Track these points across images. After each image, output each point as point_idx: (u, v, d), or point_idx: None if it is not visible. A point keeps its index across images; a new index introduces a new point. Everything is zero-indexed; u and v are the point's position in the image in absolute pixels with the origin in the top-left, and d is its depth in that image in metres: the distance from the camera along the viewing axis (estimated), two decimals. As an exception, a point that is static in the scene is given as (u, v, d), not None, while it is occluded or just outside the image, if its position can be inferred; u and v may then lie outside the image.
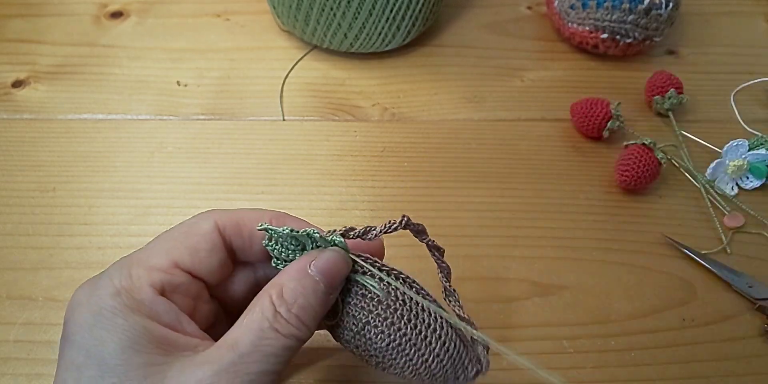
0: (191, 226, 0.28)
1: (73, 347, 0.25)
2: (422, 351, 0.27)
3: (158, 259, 0.27)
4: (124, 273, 0.26)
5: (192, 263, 0.27)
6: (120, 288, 0.25)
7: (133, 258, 0.27)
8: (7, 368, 0.38)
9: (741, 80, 0.53)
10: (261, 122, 0.51)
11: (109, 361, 0.24)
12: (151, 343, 0.24)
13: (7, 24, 0.57)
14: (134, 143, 0.49)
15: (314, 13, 0.50)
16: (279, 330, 0.25)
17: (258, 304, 0.26)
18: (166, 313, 0.26)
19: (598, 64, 0.56)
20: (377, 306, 0.27)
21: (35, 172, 0.47)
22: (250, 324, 0.25)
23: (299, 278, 0.26)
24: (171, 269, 0.27)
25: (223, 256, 0.28)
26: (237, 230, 0.28)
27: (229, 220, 0.28)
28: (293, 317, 0.25)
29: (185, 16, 0.58)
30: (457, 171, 0.48)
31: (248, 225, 0.29)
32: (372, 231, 0.28)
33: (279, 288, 0.26)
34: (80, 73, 0.54)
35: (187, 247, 0.27)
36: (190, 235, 0.28)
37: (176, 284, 0.27)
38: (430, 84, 0.54)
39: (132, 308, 0.25)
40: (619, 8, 0.50)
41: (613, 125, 0.48)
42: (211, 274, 0.28)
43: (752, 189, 0.47)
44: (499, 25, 0.59)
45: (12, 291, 0.41)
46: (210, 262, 0.28)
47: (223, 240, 0.28)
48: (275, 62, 0.55)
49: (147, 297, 0.25)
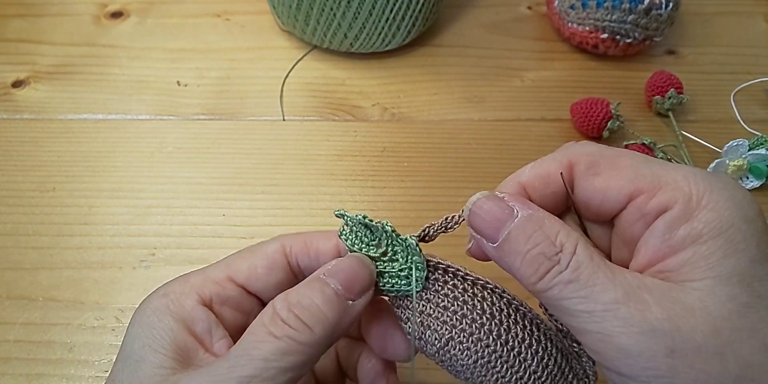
0: (258, 245, 0.29)
1: (123, 341, 0.26)
2: (516, 368, 0.25)
3: (216, 271, 0.28)
4: (182, 279, 0.27)
5: (247, 279, 0.28)
6: (170, 291, 0.27)
7: (201, 269, 0.28)
8: (7, 368, 0.38)
9: (741, 80, 0.53)
10: (261, 122, 0.51)
11: (132, 356, 0.25)
12: (171, 348, 0.25)
13: (7, 24, 0.57)
14: (134, 143, 0.49)
15: (314, 13, 0.50)
16: (273, 332, 0.24)
17: (263, 311, 0.25)
18: (200, 322, 0.26)
19: (598, 64, 0.56)
20: (461, 320, 0.25)
21: (35, 172, 0.47)
22: (249, 329, 0.25)
23: (308, 282, 0.26)
24: (224, 282, 0.27)
25: (284, 276, 0.28)
26: (304, 250, 0.28)
27: (296, 241, 0.29)
28: (292, 317, 0.24)
29: (185, 16, 0.58)
30: (457, 171, 0.48)
31: (315, 244, 0.28)
32: (450, 224, 0.28)
33: (286, 292, 0.25)
34: (80, 73, 0.54)
35: (247, 263, 0.28)
36: (253, 253, 0.28)
37: (226, 297, 0.27)
38: (430, 84, 0.54)
39: (171, 311, 0.26)
40: (619, 8, 0.50)
41: (613, 125, 0.48)
42: (266, 291, 0.28)
43: (752, 189, 0.47)
44: (499, 25, 0.59)
45: (12, 291, 0.41)
46: (267, 279, 0.28)
47: (287, 262, 0.28)
48: (275, 62, 0.55)
49: (189, 304, 0.26)
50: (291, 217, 0.45)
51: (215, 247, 0.44)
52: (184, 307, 0.26)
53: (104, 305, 0.41)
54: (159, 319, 0.25)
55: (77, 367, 0.39)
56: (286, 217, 0.45)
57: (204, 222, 0.45)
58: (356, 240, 0.27)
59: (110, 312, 0.41)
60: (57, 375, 0.38)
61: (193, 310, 0.26)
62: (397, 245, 0.27)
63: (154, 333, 0.25)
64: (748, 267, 0.21)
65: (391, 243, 0.27)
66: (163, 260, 0.43)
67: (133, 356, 0.25)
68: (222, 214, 0.45)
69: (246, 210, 0.46)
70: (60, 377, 0.38)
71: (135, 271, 0.43)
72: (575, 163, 0.25)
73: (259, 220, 0.45)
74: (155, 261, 0.43)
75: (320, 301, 0.25)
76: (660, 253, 0.23)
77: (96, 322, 0.40)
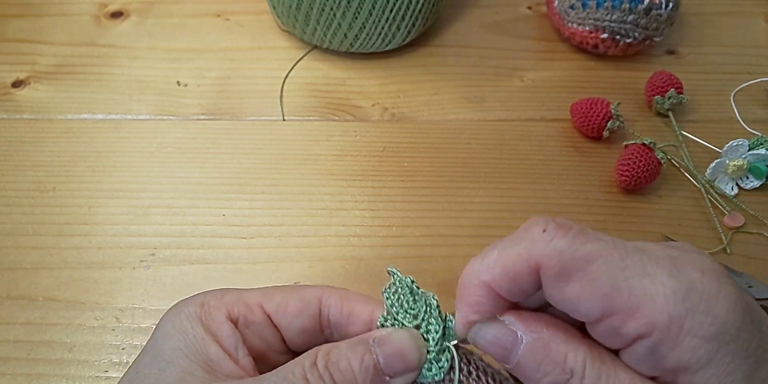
0: (299, 286, 0.29)
1: (152, 335, 0.26)
2: None
3: (251, 294, 0.28)
4: (219, 293, 0.28)
5: (275, 312, 0.28)
6: (205, 302, 0.27)
7: (239, 289, 0.29)
8: (7, 368, 0.38)
9: (741, 80, 0.53)
10: (261, 122, 0.51)
11: (162, 355, 0.25)
12: (200, 357, 0.25)
13: (7, 24, 0.57)
14: (134, 143, 0.49)
15: (314, 13, 0.50)
16: (309, 380, 0.24)
17: (307, 352, 0.25)
18: (228, 338, 0.26)
19: (598, 64, 0.56)
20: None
21: (35, 172, 0.47)
22: (287, 365, 0.25)
23: (355, 343, 0.25)
24: (254, 307, 0.28)
25: (311, 323, 0.28)
26: (339, 305, 0.28)
27: (335, 294, 0.28)
28: (327, 375, 0.24)
29: (185, 16, 0.58)
30: (457, 171, 0.48)
31: (351, 303, 0.28)
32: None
33: (333, 346, 0.25)
34: (80, 73, 0.54)
35: (281, 297, 0.28)
36: (291, 290, 0.29)
37: (250, 320, 0.27)
38: (430, 84, 0.54)
39: (203, 321, 0.26)
40: (619, 8, 0.50)
41: (613, 125, 0.48)
42: (289, 330, 0.28)
43: (752, 189, 0.47)
44: (499, 25, 0.59)
45: (12, 291, 0.41)
46: (293, 319, 0.28)
47: (319, 311, 0.28)
48: (275, 62, 0.55)
49: (219, 317, 0.27)
50: (291, 217, 0.45)
51: (215, 247, 0.44)
52: (215, 321, 0.26)
53: (104, 305, 0.41)
54: (192, 326, 0.26)
55: (77, 367, 0.39)
56: (286, 217, 0.45)
57: (204, 222, 0.45)
58: (395, 302, 0.26)
59: (110, 312, 0.41)
60: (57, 375, 0.38)
61: (221, 325, 0.26)
62: (434, 324, 0.26)
63: (186, 339, 0.25)
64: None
65: (428, 318, 0.26)
66: (163, 260, 0.43)
67: (163, 355, 0.25)
68: (222, 214, 0.45)
69: (246, 210, 0.46)
70: (60, 377, 0.38)
71: (135, 271, 0.43)
72: (543, 266, 0.23)
73: (259, 220, 0.45)
74: (155, 261, 0.43)
75: (357, 367, 0.24)
76: (649, 374, 0.23)
77: (96, 322, 0.40)
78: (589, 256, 0.22)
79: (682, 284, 0.21)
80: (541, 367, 0.23)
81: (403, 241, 0.45)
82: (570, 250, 0.22)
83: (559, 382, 0.23)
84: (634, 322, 0.21)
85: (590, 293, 0.22)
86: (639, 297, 0.21)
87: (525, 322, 0.24)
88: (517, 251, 0.23)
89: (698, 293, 0.21)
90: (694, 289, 0.21)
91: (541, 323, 0.24)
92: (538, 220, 0.24)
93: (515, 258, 0.23)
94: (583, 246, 0.22)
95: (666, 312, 0.21)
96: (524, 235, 0.24)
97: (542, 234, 0.23)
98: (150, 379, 0.24)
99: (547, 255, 0.23)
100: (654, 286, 0.21)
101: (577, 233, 0.23)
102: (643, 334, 0.21)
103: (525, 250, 0.23)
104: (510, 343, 0.24)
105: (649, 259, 0.22)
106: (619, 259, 0.22)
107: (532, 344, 0.24)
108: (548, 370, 0.23)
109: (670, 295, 0.21)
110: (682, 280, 0.21)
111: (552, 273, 0.22)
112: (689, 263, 0.22)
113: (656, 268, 0.22)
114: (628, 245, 0.23)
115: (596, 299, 0.22)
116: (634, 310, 0.21)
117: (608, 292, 0.22)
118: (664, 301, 0.21)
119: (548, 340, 0.24)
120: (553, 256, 0.22)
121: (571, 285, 0.22)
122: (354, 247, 0.44)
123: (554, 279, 0.23)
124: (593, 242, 0.22)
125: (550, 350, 0.23)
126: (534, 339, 0.24)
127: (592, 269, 0.22)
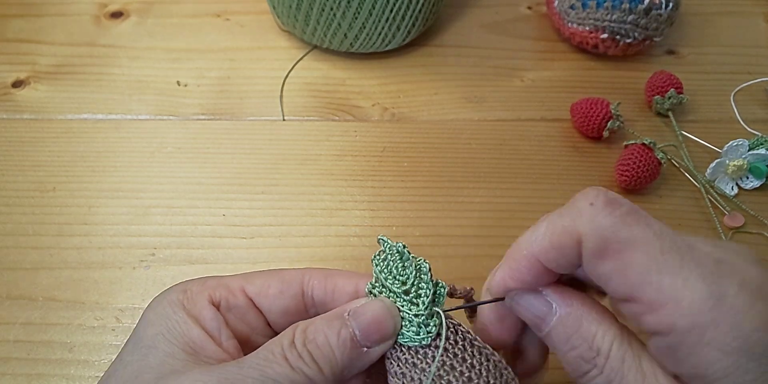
0: (280, 269, 0.29)
1: (137, 325, 0.27)
2: None
3: (232, 280, 0.28)
4: (201, 280, 0.28)
5: (257, 294, 0.28)
6: (187, 289, 0.27)
7: (221, 276, 0.29)
8: (7, 368, 0.38)
9: (741, 80, 0.53)
10: (261, 122, 0.51)
11: (144, 341, 0.25)
12: (182, 340, 0.25)
13: (7, 24, 0.57)
14: (134, 143, 0.49)
15: (314, 13, 0.50)
16: (288, 358, 0.24)
17: (284, 331, 0.26)
18: (210, 321, 0.27)
19: (598, 64, 0.56)
20: (467, 382, 0.24)
21: (35, 172, 0.47)
22: (266, 346, 0.25)
23: (330, 318, 0.26)
24: (236, 291, 0.28)
25: (293, 303, 0.28)
26: (322, 284, 0.29)
27: (317, 274, 0.29)
28: (306, 352, 0.24)
29: (185, 16, 0.58)
30: (457, 171, 0.48)
31: (334, 280, 0.28)
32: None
33: (309, 322, 0.26)
34: (80, 73, 0.54)
35: (262, 280, 0.28)
36: (272, 273, 0.29)
37: (232, 304, 0.28)
38: (430, 84, 0.54)
39: (185, 306, 0.27)
40: (619, 8, 0.50)
41: (613, 125, 0.48)
42: (271, 312, 0.28)
43: (752, 189, 0.47)
44: (499, 25, 0.59)
45: (12, 291, 0.41)
46: (274, 301, 0.28)
47: (302, 291, 0.28)
48: (275, 62, 0.55)
49: (201, 302, 0.27)
50: (291, 217, 0.45)
51: (215, 247, 0.44)
52: (197, 305, 0.27)
53: (104, 305, 0.41)
54: (174, 311, 0.26)
55: (77, 367, 0.39)
56: (286, 217, 0.45)
57: (204, 222, 0.45)
58: (384, 268, 0.26)
59: (110, 312, 0.41)
60: (57, 375, 0.38)
61: (203, 308, 0.27)
62: (424, 288, 0.26)
63: (168, 323, 0.26)
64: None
65: (418, 283, 0.26)
66: (163, 260, 0.43)
67: (145, 341, 0.25)
68: (222, 214, 0.45)
69: (246, 210, 0.46)
70: (60, 377, 0.38)
71: (135, 271, 0.43)
72: (584, 240, 0.23)
73: (259, 220, 0.45)
74: (155, 261, 0.43)
75: (334, 342, 0.25)
76: (670, 370, 0.22)
77: (96, 322, 0.40)
78: (628, 240, 0.22)
79: (713, 293, 0.20)
80: (570, 340, 0.24)
81: (403, 241, 0.45)
82: (612, 230, 0.22)
83: (584, 358, 0.24)
84: (654, 318, 0.21)
85: (620, 277, 0.22)
86: (665, 295, 0.21)
87: (562, 296, 0.25)
88: (563, 224, 0.23)
89: (728, 305, 0.20)
90: (725, 301, 0.20)
91: (578, 300, 0.25)
92: (588, 193, 0.23)
93: (560, 231, 0.23)
94: (626, 228, 0.22)
95: (689, 317, 0.20)
96: (572, 207, 0.23)
97: (589, 207, 0.23)
98: (133, 366, 0.25)
99: (588, 230, 0.22)
100: (684, 288, 0.21)
101: (625, 213, 0.22)
102: (660, 332, 0.21)
103: (569, 222, 0.23)
104: (543, 313, 0.25)
105: (690, 258, 0.21)
106: (659, 251, 0.21)
107: (565, 318, 0.24)
108: (576, 345, 0.24)
109: (697, 301, 0.20)
110: (715, 288, 0.20)
111: (591, 249, 0.22)
112: (731, 271, 0.21)
113: (694, 270, 0.21)
114: (676, 238, 0.22)
115: (624, 284, 0.22)
116: (656, 306, 0.21)
117: (636, 283, 0.22)
118: (689, 307, 0.20)
119: (581, 317, 0.24)
120: (594, 232, 0.22)
121: (604, 264, 0.22)
122: (354, 247, 0.44)
123: (591, 254, 0.23)
124: (638, 226, 0.22)
125: (581, 326, 0.24)
126: (567, 313, 0.24)
127: (627, 255, 0.22)
